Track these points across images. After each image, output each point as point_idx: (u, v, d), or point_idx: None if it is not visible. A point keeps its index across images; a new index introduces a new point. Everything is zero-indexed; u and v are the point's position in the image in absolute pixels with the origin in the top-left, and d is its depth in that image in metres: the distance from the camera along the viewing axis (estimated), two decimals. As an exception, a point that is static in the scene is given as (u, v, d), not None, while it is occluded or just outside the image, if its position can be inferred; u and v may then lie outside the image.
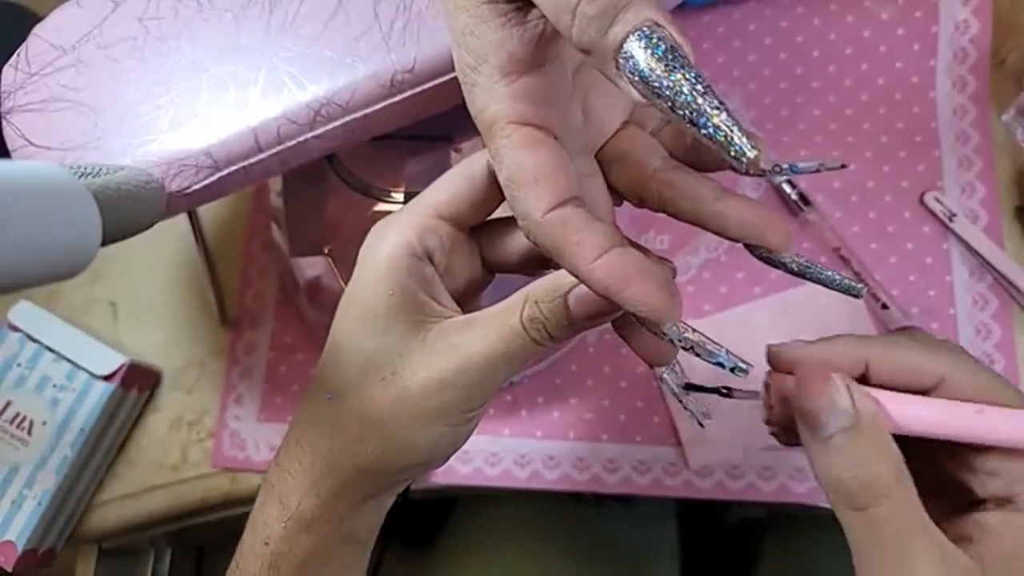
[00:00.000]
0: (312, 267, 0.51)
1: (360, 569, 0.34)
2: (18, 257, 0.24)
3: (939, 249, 0.54)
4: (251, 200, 0.62)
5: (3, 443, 0.56)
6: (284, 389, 0.59)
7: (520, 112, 0.24)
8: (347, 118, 0.36)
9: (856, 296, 0.28)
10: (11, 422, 0.56)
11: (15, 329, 0.57)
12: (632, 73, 0.20)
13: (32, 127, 0.36)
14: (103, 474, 0.59)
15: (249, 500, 0.58)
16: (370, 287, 0.30)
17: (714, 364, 0.25)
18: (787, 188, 0.55)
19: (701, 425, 0.31)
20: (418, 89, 0.36)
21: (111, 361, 0.56)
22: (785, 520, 0.66)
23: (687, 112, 0.19)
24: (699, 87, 0.19)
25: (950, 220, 0.53)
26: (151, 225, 0.34)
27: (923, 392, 0.29)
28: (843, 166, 0.30)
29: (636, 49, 0.19)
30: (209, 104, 0.36)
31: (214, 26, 0.37)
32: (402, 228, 0.31)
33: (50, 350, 0.57)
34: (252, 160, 0.36)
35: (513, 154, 0.24)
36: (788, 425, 0.31)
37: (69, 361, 0.56)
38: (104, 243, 0.28)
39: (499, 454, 0.55)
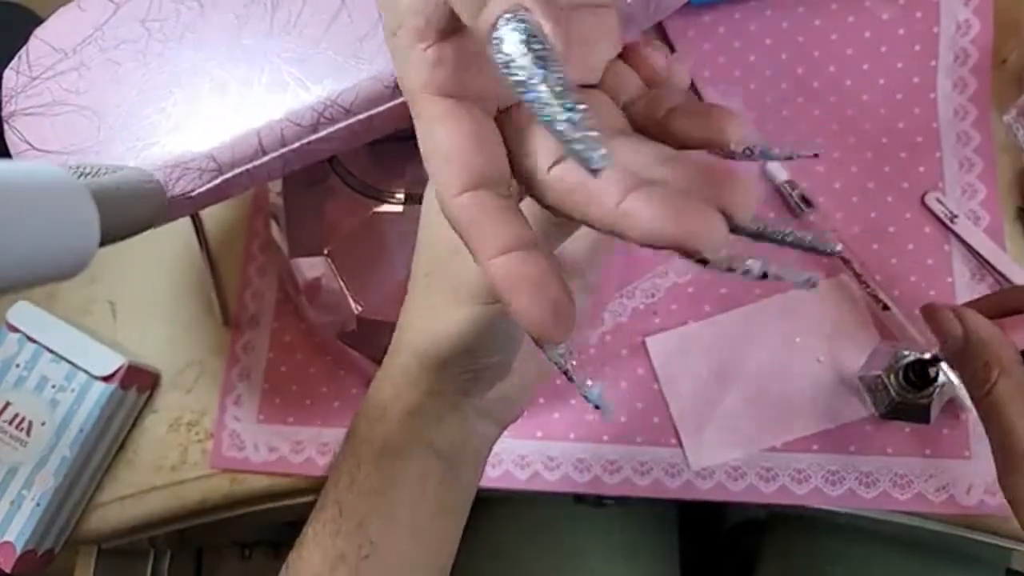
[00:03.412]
0: (312, 267, 0.50)
1: (446, 493, 0.35)
2: (16, 257, 0.24)
3: (940, 250, 0.54)
4: (251, 200, 0.62)
5: (2, 444, 0.56)
6: (283, 389, 0.59)
7: (437, 80, 0.23)
8: (351, 120, 0.36)
9: (831, 254, 0.24)
10: (10, 423, 0.56)
11: (14, 329, 0.57)
12: (497, 56, 0.19)
13: (34, 131, 0.36)
14: (102, 475, 0.59)
15: (249, 501, 0.58)
16: None
17: (583, 395, 0.23)
18: (788, 189, 0.55)
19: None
20: (421, 90, 0.36)
21: (110, 362, 0.56)
22: (785, 521, 0.66)
23: (537, 107, 0.18)
24: (553, 83, 0.18)
25: (951, 221, 0.53)
26: (151, 225, 0.33)
27: None
28: (816, 155, 0.29)
29: (506, 32, 0.18)
30: (212, 107, 0.35)
31: (216, 28, 0.37)
32: None
33: (49, 350, 0.57)
34: (256, 163, 0.36)
35: (427, 127, 0.23)
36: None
37: (68, 362, 0.56)
38: (103, 243, 0.28)
39: (499, 455, 0.55)
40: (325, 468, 0.57)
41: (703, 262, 0.20)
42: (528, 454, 0.55)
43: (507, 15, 0.18)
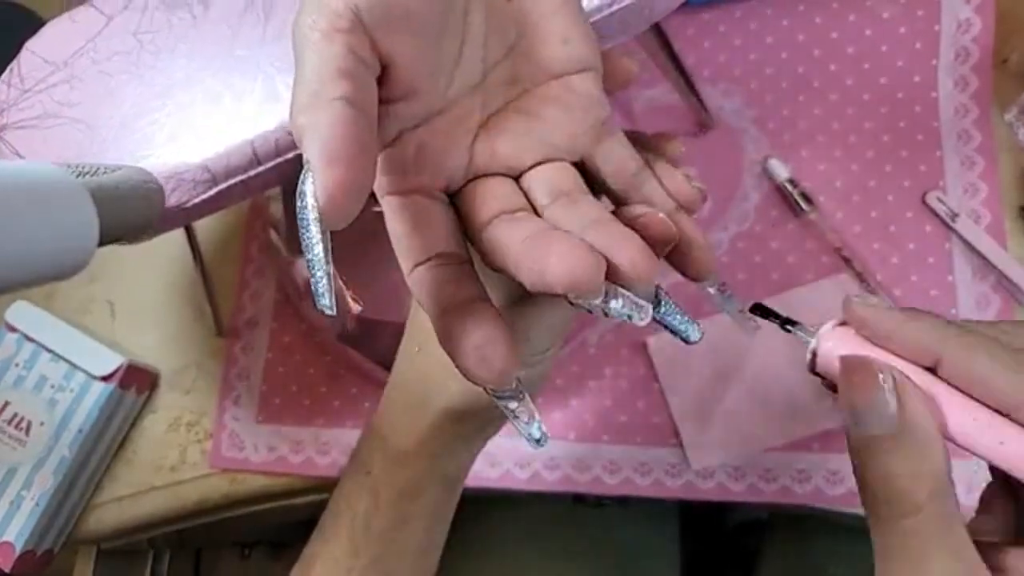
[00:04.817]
0: (312, 267, 0.50)
1: (448, 509, 0.37)
2: (16, 257, 0.23)
3: (941, 249, 0.53)
4: (249, 203, 0.62)
5: (1, 443, 0.55)
6: (282, 390, 0.59)
7: (382, 185, 0.26)
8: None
9: (687, 341, 0.27)
10: (9, 422, 0.56)
11: (13, 329, 0.57)
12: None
13: (26, 144, 0.36)
14: (101, 475, 0.59)
15: (248, 501, 0.58)
16: None
17: (524, 429, 0.26)
18: (789, 188, 0.55)
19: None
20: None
21: (109, 361, 0.56)
22: (786, 521, 0.66)
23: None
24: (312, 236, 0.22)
25: (952, 220, 0.53)
26: (148, 226, 0.33)
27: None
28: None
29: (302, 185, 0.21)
30: (206, 117, 0.35)
31: (209, 38, 0.36)
32: None
33: (48, 350, 0.56)
34: (251, 173, 0.35)
35: (386, 219, 0.26)
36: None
37: (67, 361, 0.56)
38: (102, 242, 0.27)
39: (499, 455, 0.55)
40: (324, 468, 0.57)
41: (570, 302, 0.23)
42: (528, 454, 0.55)
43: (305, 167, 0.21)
